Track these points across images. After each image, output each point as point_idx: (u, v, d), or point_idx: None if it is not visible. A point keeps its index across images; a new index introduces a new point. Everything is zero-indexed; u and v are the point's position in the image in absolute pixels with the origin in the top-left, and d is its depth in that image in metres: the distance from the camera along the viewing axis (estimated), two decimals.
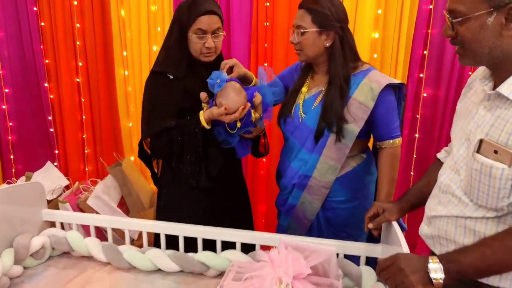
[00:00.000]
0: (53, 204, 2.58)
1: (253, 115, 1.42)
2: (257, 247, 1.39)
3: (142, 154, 1.58)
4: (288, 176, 1.56)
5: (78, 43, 2.69)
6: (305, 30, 1.42)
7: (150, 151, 1.56)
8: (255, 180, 2.74)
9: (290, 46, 2.38)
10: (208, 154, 1.48)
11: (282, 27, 2.43)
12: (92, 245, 1.45)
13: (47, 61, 2.77)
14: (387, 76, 1.48)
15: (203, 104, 1.44)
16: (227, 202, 1.59)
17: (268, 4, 2.41)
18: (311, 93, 1.52)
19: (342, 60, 1.44)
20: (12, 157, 3.00)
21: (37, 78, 2.81)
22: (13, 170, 3.03)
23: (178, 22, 1.45)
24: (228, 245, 1.41)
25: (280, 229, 1.65)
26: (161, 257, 1.38)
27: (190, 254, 1.40)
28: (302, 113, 1.51)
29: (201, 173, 1.47)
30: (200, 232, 1.42)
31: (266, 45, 2.50)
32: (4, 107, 2.87)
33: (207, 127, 1.42)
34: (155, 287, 1.32)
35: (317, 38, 1.43)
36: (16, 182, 2.93)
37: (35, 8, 2.66)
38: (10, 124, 2.93)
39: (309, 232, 1.58)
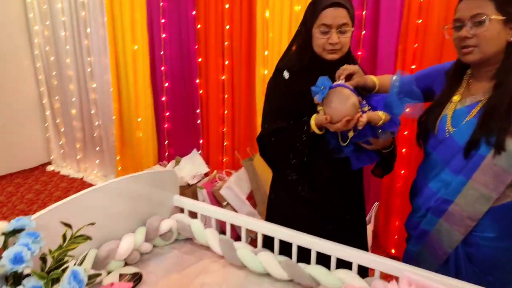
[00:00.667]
0: (192, 188, 2.85)
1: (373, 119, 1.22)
2: (377, 274, 1.22)
3: (262, 151, 1.56)
4: (424, 196, 1.32)
5: (226, 43, 2.87)
6: (486, 18, 1.14)
7: (260, 152, 1.52)
8: (390, 192, 2.50)
9: (445, 47, 2.11)
10: (314, 162, 1.36)
11: (438, 24, 2.12)
12: (211, 236, 1.51)
13: (199, 59, 3.04)
14: None
15: (318, 107, 1.32)
16: (337, 215, 1.44)
17: None
18: (465, 103, 1.25)
19: None
20: (166, 142, 3.42)
21: (191, 74, 3.12)
22: (166, 154, 3.45)
23: (303, 20, 1.38)
24: (341, 261, 1.29)
25: (408, 256, 1.43)
26: (272, 262, 1.34)
27: (302, 265, 1.32)
28: (450, 126, 1.25)
29: (304, 182, 1.38)
30: (315, 244, 1.33)
31: (416, 45, 2.22)
32: (163, 99, 3.28)
33: (318, 132, 1.29)
34: None
35: (502, 29, 1.15)
36: (167, 164, 3.32)
37: (193, 12, 2.95)
38: (167, 114, 3.33)
39: (444, 266, 1.32)
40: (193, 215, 1.64)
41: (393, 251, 2.56)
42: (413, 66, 2.26)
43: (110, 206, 1.43)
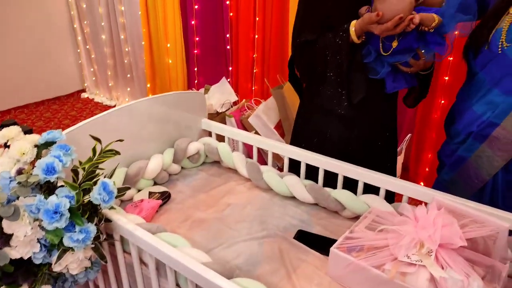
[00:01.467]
0: (221, 116, 2.84)
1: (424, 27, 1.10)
2: (404, 199, 1.19)
3: (292, 76, 1.48)
4: (466, 120, 1.23)
5: None
6: None
7: (293, 67, 1.43)
8: (426, 124, 2.39)
9: None
10: (351, 78, 1.26)
11: None
12: (238, 159, 1.51)
13: None
14: None
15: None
16: (367, 138, 1.37)
17: None
18: None
19: None
20: (196, 69, 3.36)
21: None
22: (196, 81, 3.42)
23: None
24: (369, 187, 1.26)
25: (440, 185, 1.37)
26: (298, 185, 1.34)
27: (328, 189, 1.31)
28: (504, 41, 1.12)
29: (341, 98, 1.29)
30: (342, 168, 1.30)
31: None
32: (193, 22, 3.16)
33: (356, 40, 1.17)
34: (286, 213, 1.30)
35: None
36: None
37: None
38: (197, 39, 3.23)
39: (479, 195, 1.27)
40: (220, 139, 1.64)
41: (422, 183, 2.52)
42: None
43: (138, 127, 1.44)
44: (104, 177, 1.06)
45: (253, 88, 3.10)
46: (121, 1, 3.53)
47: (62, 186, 1.00)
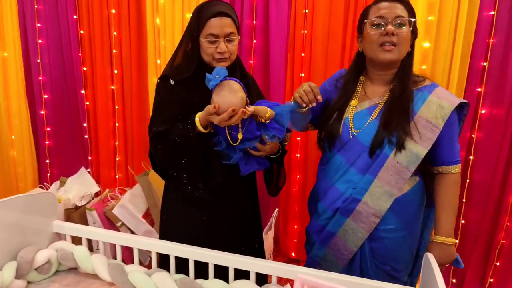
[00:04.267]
0: (80, 211, 2.56)
1: (260, 119, 1.25)
2: (274, 280, 1.21)
3: (154, 165, 1.48)
4: (330, 198, 1.36)
5: (114, 51, 2.68)
6: (405, 21, 1.24)
7: (151, 159, 1.45)
8: (288, 198, 2.57)
9: (330, 55, 2.26)
10: (207, 165, 1.33)
11: (321, 35, 2.26)
12: (98, 262, 1.35)
13: (84, 68, 2.79)
14: (453, 94, 1.33)
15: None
16: (231, 219, 1.42)
17: (307, 11, 2.27)
18: (364, 106, 1.34)
19: (411, 69, 1.30)
20: (48, 161, 3.05)
21: (75, 85, 2.84)
22: (48, 174, 3.08)
23: (188, 28, 1.35)
24: (241, 271, 1.25)
25: (312, 261, 1.44)
26: (168, 282, 1.24)
27: (199, 281, 1.25)
28: (353, 128, 1.32)
29: (198, 184, 1.34)
30: (212, 257, 1.27)
31: (303, 54, 2.34)
32: (42, 112, 2.92)
33: (202, 130, 1.26)
34: None
35: (410, 35, 1.27)
36: (50, 186, 2.96)
37: (75, 16, 2.70)
38: (48, 129, 2.98)
39: (350, 265, 1.37)
40: (78, 241, 1.46)
41: (293, 254, 2.63)
42: (302, 74, 2.36)
43: None
44: None
45: (117, 176, 2.94)
46: None
47: None
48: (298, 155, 2.47)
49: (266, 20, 2.38)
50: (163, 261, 1.42)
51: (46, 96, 2.89)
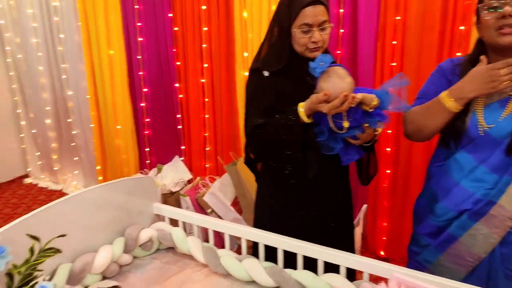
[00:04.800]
0: (175, 196, 2.77)
1: (365, 108, 1.20)
2: (365, 276, 1.18)
3: (247, 159, 1.52)
4: (455, 198, 1.23)
5: (204, 45, 2.82)
6: None
7: (251, 153, 1.48)
8: (377, 193, 2.47)
9: (425, 43, 2.10)
10: (305, 156, 1.31)
11: (416, 20, 2.12)
12: (193, 244, 1.44)
13: (178, 63, 2.98)
14: None
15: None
16: (327, 211, 1.41)
17: None
18: (493, 98, 1.19)
19: None
20: (147, 150, 3.33)
21: (170, 79, 3.05)
22: (148, 161, 3.36)
23: (277, 20, 1.34)
24: (329, 264, 1.25)
25: (420, 267, 1.32)
26: (257, 269, 1.29)
27: (288, 271, 1.27)
28: (483, 124, 1.19)
29: (297, 175, 1.33)
30: (301, 248, 1.28)
31: (394, 42, 2.22)
32: (142, 104, 3.19)
33: (307, 120, 1.24)
34: None
35: None
36: (148, 173, 3.24)
37: (170, 14, 2.89)
38: (147, 120, 3.25)
39: (473, 274, 1.24)
40: (174, 223, 1.58)
41: (382, 253, 2.53)
42: (393, 64, 2.24)
43: (84, 217, 1.36)
44: (44, 279, 0.96)
45: (207, 165, 3.10)
46: (68, 85, 3.52)
47: None
48: (388, 149, 2.36)
49: (354, 7, 2.30)
50: (255, 249, 1.45)
51: (145, 90, 3.15)
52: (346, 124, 1.20)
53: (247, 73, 2.61)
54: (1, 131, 4.00)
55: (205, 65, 2.86)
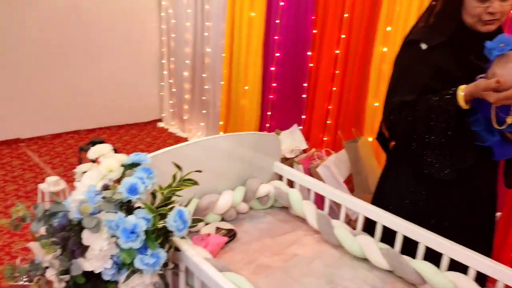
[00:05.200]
0: (289, 162, 2.81)
1: None
2: (500, 286, 1.04)
3: (380, 136, 1.43)
4: None
5: (346, 15, 2.71)
6: None
7: (388, 130, 1.36)
8: None
9: None
10: (457, 144, 1.16)
11: None
12: (308, 208, 1.45)
13: (314, 31, 2.93)
14: None
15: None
16: (465, 206, 1.25)
17: None
18: None
19: None
20: (269, 113, 3.42)
21: (304, 46, 3.03)
22: (267, 125, 3.46)
23: None
24: (454, 263, 1.13)
25: None
26: (373, 247, 1.24)
27: (406, 258, 1.19)
28: None
29: (445, 164, 1.17)
30: (425, 237, 1.18)
31: None
32: (272, 69, 3.26)
33: (464, 106, 1.08)
34: (357, 275, 1.20)
35: None
36: None
37: None
38: (274, 85, 3.31)
39: None
40: (290, 186, 1.60)
41: None
42: None
43: (212, 161, 1.46)
44: (180, 205, 1.06)
45: (324, 138, 3.06)
46: (208, 42, 3.77)
47: (139, 207, 1.01)
48: None
49: None
50: (365, 229, 1.39)
51: (277, 55, 3.20)
52: (510, 120, 1.04)
53: (386, 49, 2.47)
54: (148, 78, 4.54)
55: (343, 36, 2.76)
